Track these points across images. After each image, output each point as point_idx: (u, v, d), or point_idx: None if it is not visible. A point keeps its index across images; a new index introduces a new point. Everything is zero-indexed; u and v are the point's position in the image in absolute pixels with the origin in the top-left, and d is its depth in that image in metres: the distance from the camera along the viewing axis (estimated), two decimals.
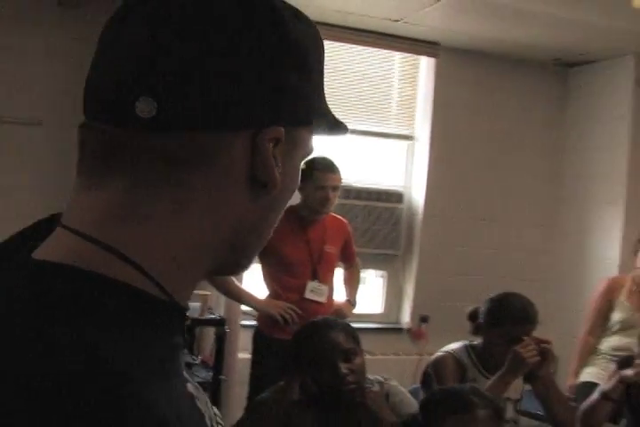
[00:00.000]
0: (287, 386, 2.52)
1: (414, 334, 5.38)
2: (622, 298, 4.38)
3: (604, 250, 5.32)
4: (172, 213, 0.66)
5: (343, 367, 2.43)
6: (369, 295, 5.41)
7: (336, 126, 0.79)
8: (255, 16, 0.68)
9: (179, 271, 0.68)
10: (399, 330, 5.40)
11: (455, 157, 5.46)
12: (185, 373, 0.69)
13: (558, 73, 5.70)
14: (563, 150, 5.76)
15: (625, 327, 4.34)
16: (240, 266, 0.77)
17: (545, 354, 3.00)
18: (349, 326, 2.65)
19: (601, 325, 4.44)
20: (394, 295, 5.52)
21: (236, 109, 0.66)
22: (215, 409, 0.80)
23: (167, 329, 0.66)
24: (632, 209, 5.20)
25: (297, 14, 0.72)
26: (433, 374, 3.11)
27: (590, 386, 4.08)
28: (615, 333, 4.38)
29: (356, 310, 4.26)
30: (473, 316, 3.22)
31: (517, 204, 5.62)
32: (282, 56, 0.68)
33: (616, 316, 4.38)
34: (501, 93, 5.56)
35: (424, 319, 5.38)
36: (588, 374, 4.33)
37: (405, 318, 5.45)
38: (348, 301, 4.20)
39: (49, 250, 0.66)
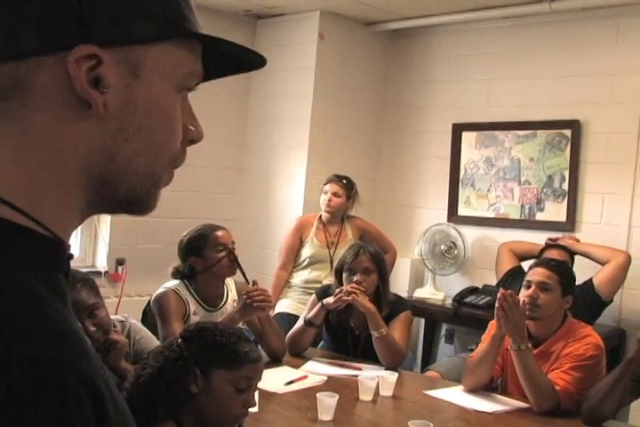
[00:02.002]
0: None
1: (112, 277, 5.43)
2: (311, 235, 4.78)
3: (289, 191, 5.64)
4: (12, 149, 0.66)
5: (90, 325, 2.36)
6: None
7: (239, 52, 0.76)
8: None
9: (50, 210, 0.67)
10: (97, 273, 5.38)
11: None
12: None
13: (248, 24, 5.90)
14: (250, 97, 5.99)
15: (313, 262, 4.75)
16: (132, 203, 0.75)
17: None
18: (88, 277, 2.50)
19: (292, 260, 4.82)
20: (90, 239, 5.51)
21: (23, 37, 0.64)
22: None
23: (58, 265, 0.69)
24: (314, 153, 5.57)
25: None
26: (156, 310, 3.19)
27: (286, 316, 4.47)
28: (305, 267, 4.77)
29: None
30: (176, 271, 3.34)
31: (210, 149, 5.71)
32: None
33: (306, 252, 4.77)
34: None
35: (121, 262, 5.44)
36: (282, 306, 4.67)
37: (102, 261, 5.47)
38: None
39: None
